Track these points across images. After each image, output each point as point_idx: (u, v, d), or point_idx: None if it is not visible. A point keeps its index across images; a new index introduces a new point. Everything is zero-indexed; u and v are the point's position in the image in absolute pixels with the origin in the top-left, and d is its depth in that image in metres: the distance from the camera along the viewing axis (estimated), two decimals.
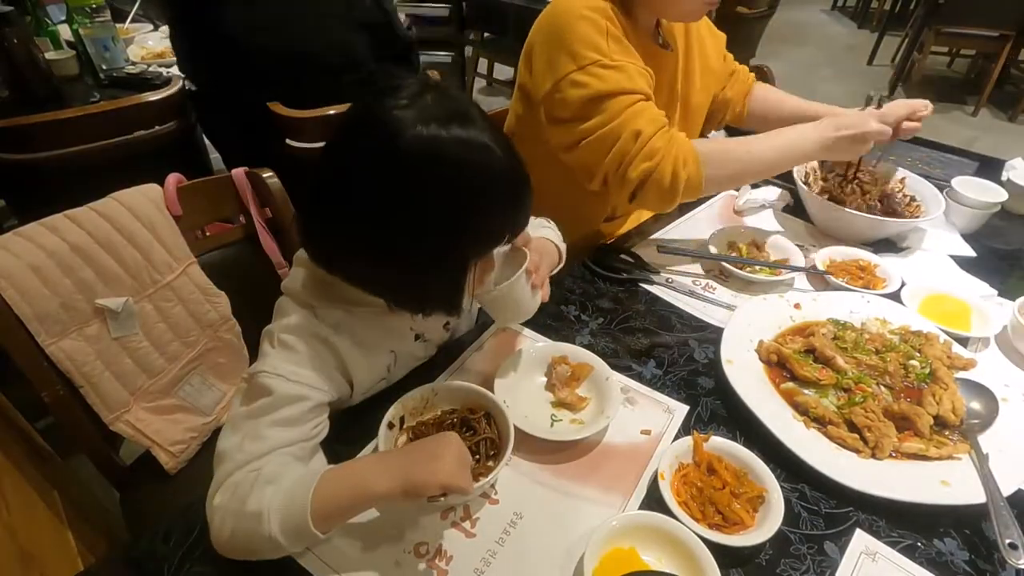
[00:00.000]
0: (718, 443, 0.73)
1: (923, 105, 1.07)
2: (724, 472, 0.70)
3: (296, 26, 1.51)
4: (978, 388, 0.83)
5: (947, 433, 0.78)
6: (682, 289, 1.04)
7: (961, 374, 0.85)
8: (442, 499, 0.60)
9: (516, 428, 0.72)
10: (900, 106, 1.06)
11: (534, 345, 0.88)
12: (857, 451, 0.75)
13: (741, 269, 1.07)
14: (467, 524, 0.67)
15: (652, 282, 1.05)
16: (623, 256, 1.08)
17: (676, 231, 1.23)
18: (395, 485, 0.57)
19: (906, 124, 1.05)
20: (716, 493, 0.68)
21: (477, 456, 0.70)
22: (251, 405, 0.64)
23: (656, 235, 1.20)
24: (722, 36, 1.30)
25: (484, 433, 0.72)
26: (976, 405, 0.81)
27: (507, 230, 0.66)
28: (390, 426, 0.72)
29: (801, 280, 1.09)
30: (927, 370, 0.84)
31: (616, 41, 0.97)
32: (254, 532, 0.57)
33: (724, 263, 1.07)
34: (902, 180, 1.27)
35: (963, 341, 0.93)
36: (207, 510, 0.61)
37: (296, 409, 0.65)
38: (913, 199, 1.24)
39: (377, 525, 0.66)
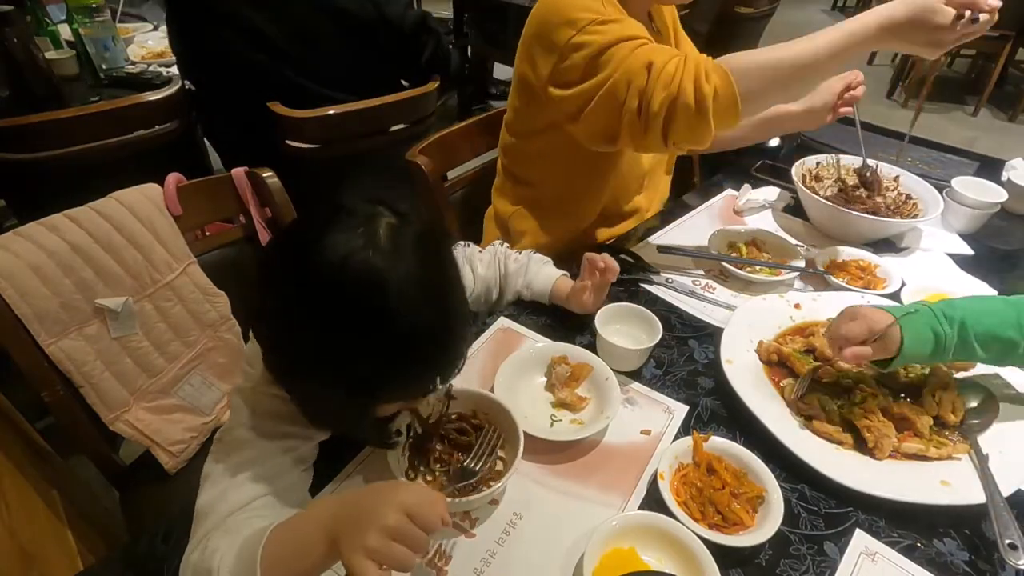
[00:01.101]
0: (718, 443, 0.73)
1: (854, 74, 1.13)
2: (724, 472, 0.70)
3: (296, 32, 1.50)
4: (978, 388, 0.83)
5: (947, 433, 0.78)
6: (682, 289, 1.04)
7: (961, 374, 0.85)
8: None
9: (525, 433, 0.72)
10: (836, 81, 1.11)
11: (534, 345, 0.88)
12: (841, 443, 0.76)
13: (741, 269, 1.07)
14: (467, 524, 0.67)
15: (652, 282, 1.05)
16: (623, 256, 1.08)
17: (676, 231, 1.23)
18: (333, 548, 0.49)
19: (847, 95, 1.11)
20: (716, 493, 0.68)
21: (480, 463, 0.70)
22: (229, 460, 0.60)
23: (656, 235, 1.20)
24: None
25: (490, 441, 0.72)
26: (976, 405, 0.81)
27: (410, 388, 0.59)
28: (398, 433, 0.72)
29: (801, 280, 1.09)
30: (927, 370, 0.84)
31: (611, 4, 0.95)
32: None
33: (724, 263, 1.07)
34: (896, 179, 1.27)
35: None
36: (180, 569, 0.56)
37: (283, 461, 0.62)
38: (909, 197, 1.24)
39: None
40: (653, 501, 0.69)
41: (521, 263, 0.98)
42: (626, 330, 0.90)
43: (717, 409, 0.83)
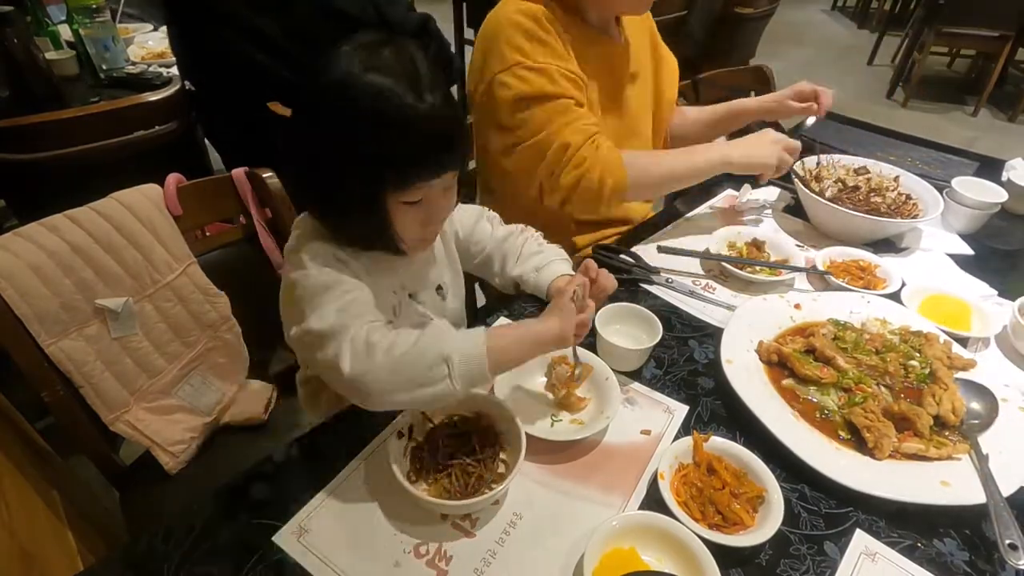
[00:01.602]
0: (718, 443, 0.73)
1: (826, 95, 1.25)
2: (724, 472, 0.70)
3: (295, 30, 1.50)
4: (978, 388, 0.83)
5: (947, 433, 0.78)
6: (682, 289, 1.04)
7: (961, 374, 0.85)
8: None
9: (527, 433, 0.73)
10: (805, 84, 1.28)
11: None
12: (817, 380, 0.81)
13: (741, 269, 1.07)
14: (467, 524, 0.67)
15: (652, 282, 1.05)
16: (623, 256, 1.08)
17: (676, 231, 1.23)
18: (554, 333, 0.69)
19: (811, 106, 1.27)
20: (716, 493, 0.68)
21: (480, 465, 0.70)
22: (322, 304, 0.67)
23: (656, 235, 1.20)
24: (674, 61, 1.37)
25: (491, 444, 0.73)
26: (976, 405, 0.81)
27: (420, 171, 0.67)
28: (399, 435, 0.72)
29: (801, 280, 1.09)
30: (927, 370, 0.84)
31: (541, 44, 1.03)
32: (427, 367, 0.63)
33: (724, 263, 1.07)
34: (896, 179, 1.27)
35: (963, 341, 0.93)
36: (342, 379, 0.63)
37: (360, 293, 0.70)
38: (909, 197, 1.24)
39: (376, 526, 0.66)
40: (653, 501, 0.69)
41: (538, 250, 0.98)
42: (626, 330, 0.90)
43: (717, 409, 0.83)
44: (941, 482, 0.71)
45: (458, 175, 0.73)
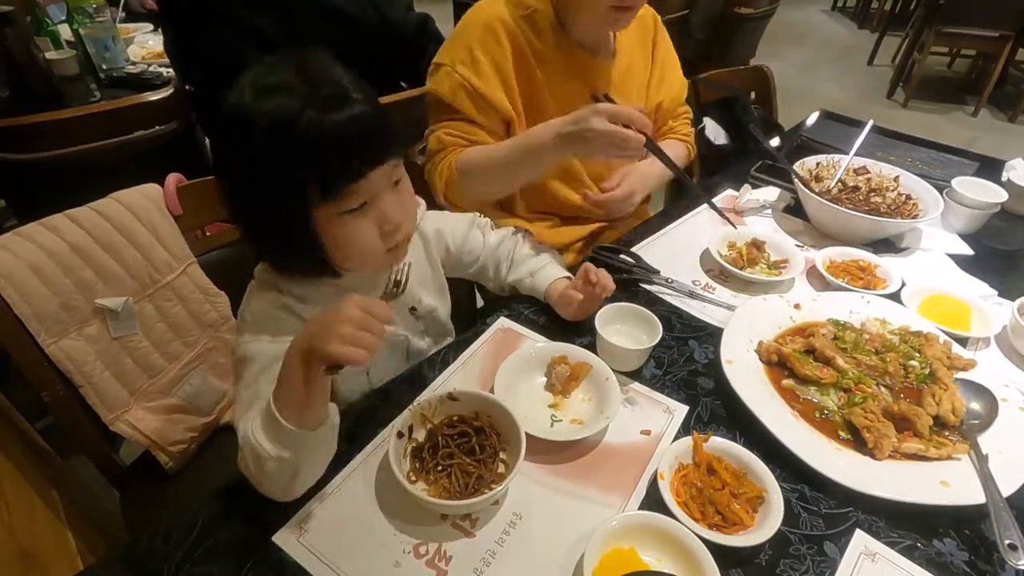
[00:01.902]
0: (717, 443, 0.73)
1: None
2: (723, 472, 0.70)
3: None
4: (978, 388, 0.83)
5: (947, 434, 0.78)
6: (682, 289, 1.04)
7: (961, 374, 0.85)
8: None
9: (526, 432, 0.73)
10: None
11: (534, 345, 0.88)
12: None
13: (741, 269, 1.07)
14: (467, 524, 0.67)
15: (652, 282, 1.05)
16: (623, 256, 1.08)
17: (677, 231, 1.23)
18: (307, 353, 0.59)
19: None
20: (716, 494, 0.68)
21: (480, 465, 0.70)
22: (243, 377, 0.70)
23: (655, 236, 1.20)
24: (680, 83, 1.35)
25: (491, 444, 0.73)
26: (976, 405, 0.81)
27: (341, 177, 0.65)
28: (399, 435, 0.72)
29: (801, 280, 1.09)
30: (927, 370, 0.84)
31: (479, 59, 1.07)
32: (250, 451, 0.62)
33: (724, 263, 1.07)
34: (896, 179, 1.27)
35: (963, 341, 0.93)
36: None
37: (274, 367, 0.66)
38: (909, 197, 1.24)
39: (376, 526, 0.66)
40: (653, 501, 0.69)
41: (532, 253, 1.00)
42: (626, 330, 0.91)
43: (717, 409, 0.83)
44: (941, 482, 0.71)
45: (400, 165, 0.71)
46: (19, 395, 1.10)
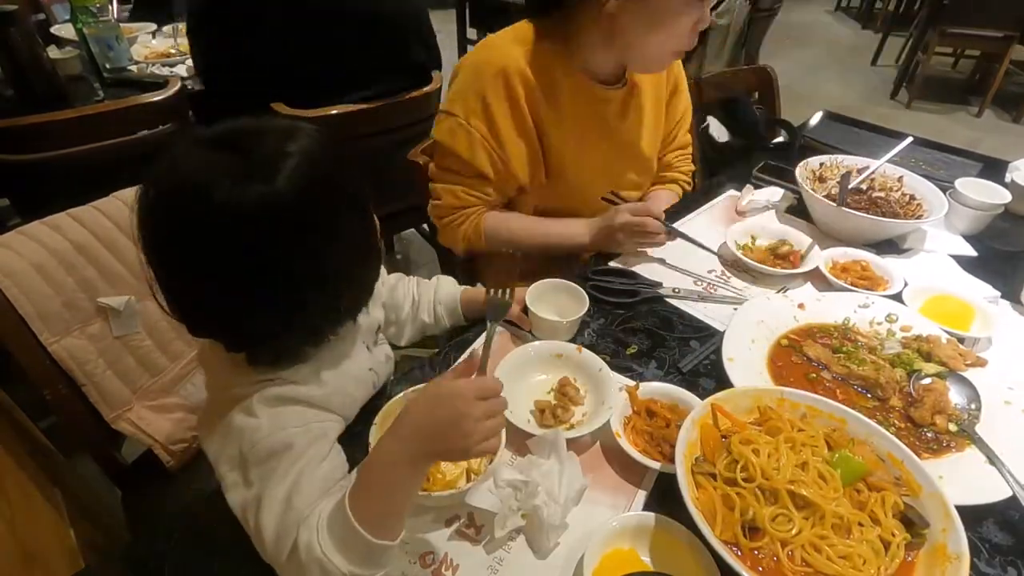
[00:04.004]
0: (646, 389, 0.80)
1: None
2: (661, 411, 0.78)
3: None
4: (959, 380, 0.84)
5: (944, 438, 0.77)
6: (690, 296, 1.03)
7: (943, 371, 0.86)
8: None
9: (516, 428, 0.73)
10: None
11: (533, 345, 0.88)
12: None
13: (752, 259, 1.09)
14: (471, 532, 0.67)
15: (660, 296, 1.03)
16: (622, 282, 1.04)
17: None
18: (430, 462, 0.57)
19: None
20: (664, 431, 0.75)
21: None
22: (276, 470, 0.58)
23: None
24: (687, 109, 1.34)
25: None
26: (962, 401, 0.82)
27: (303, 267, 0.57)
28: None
29: (804, 280, 1.09)
30: (924, 380, 0.84)
31: (505, 113, 1.06)
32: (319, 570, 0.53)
33: (737, 254, 1.09)
34: (899, 179, 1.26)
35: (962, 342, 0.93)
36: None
37: (324, 446, 0.62)
38: (913, 198, 1.24)
39: None
40: (655, 502, 0.69)
41: (428, 281, 0.99)
42: (556, 304, 0.95)
43: None
44: (938, 477, 0.70)
45: None
46: (22, 394, 1.11)
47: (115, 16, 1.90)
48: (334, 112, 1.46)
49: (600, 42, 1.05)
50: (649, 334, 0.95)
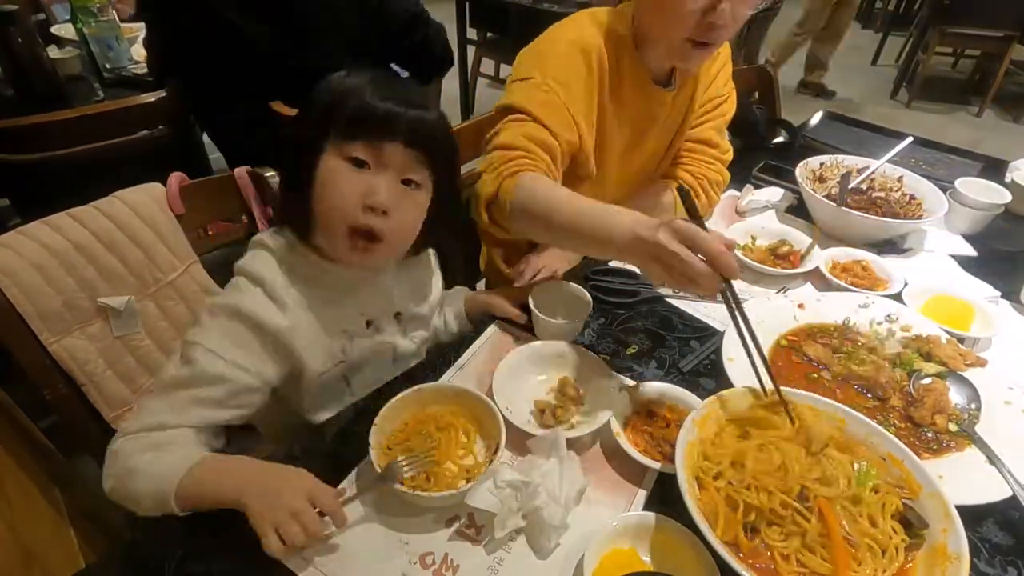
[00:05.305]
0: (646, 389, 0.80)
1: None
2: (661, 410, 0.78)
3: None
4: (958, 379, 0.84)
5: (944, 438, 0.77)
6: (689, 296, 1.03)
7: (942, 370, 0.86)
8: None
9: (518, 429, 0.73)
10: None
11: (533, 345, 0.88)
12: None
13: (753, 260, 1.08)
14: (472, 532, 0.66)
15: (661, 296, 1.02)
16: (622, 281, 1.04)
17: None
18: (239, 504, 0.61)
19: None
20: (664, 431, 0.75)
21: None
22: (178, 373, 0.70)
23: None
24: (720, 111, 1.21)
25: (466, 436, 0.74)
26: (961, 400, 0.82)
27: (366, 123, 0.70)
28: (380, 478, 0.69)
29: (804, 280, 1.09)
30: (924, 379, 0.84)
31: (581, 85, 0.97)
32: (127, 486, 0.64)
33: (739, 255, 1.08)
34: (899, 179, 1.26)
35: (963, 342, 0.93)
36: (109, 446, 0.67)
37: (218, 391, 0.70)
38: (913, 198, 1.24)
39: (382, 535, 0.66)
40: (656, 502, 0.69)
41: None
42: (559, 306, 0.94)
43: None
44: (938, 476, 0.70)
45: (423, 181, 0.75)
46: (22, 394, 1.10)
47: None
48: None
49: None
50: (649, 334, 0.95)
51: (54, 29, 2.00)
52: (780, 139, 1.58)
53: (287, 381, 0.78)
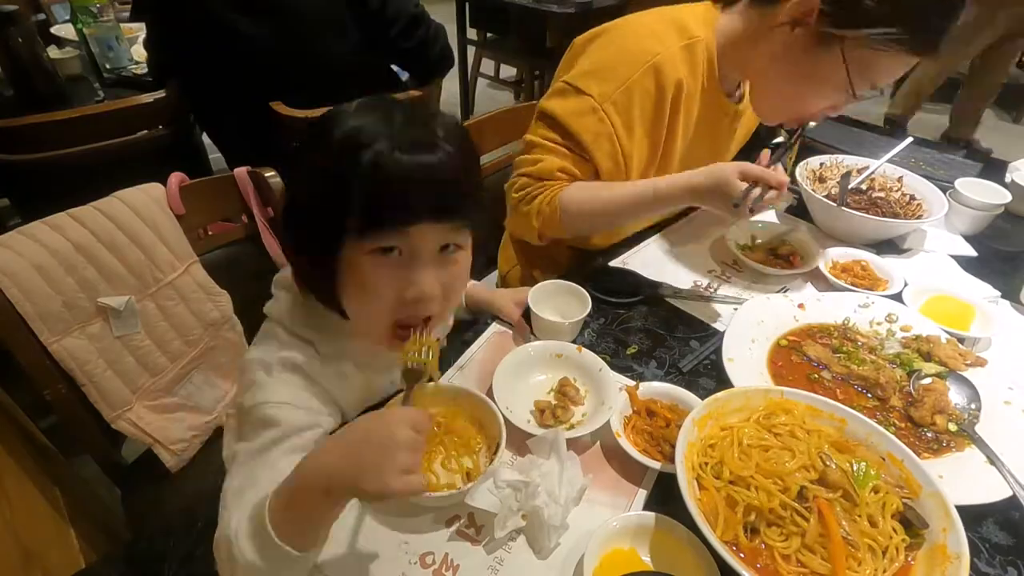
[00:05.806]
0: (646, 389, 0.80)
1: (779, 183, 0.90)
2: (661, 410, 0.78)
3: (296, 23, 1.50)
4: (958, 379, 0.84)
5: (944, 438, 0.77)
6: (692, 296, 1.03)
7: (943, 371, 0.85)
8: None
9: (516, 428, 0.73)
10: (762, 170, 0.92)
11: (533, 345, 0.88)
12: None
13: (754, 260, 1.08)
14: (472, 532, 0.66)
15: (662, 297, 1.02)
16: (627, 279, 1.05)
17: (676, 234, 1.22)
18: (344, 491, 0.51)
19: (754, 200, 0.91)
20: (663, 431, 0.75)
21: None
22: (255, 440, 0.61)
23: (654, 236, 1.19)
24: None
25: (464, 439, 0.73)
26: (962, 400, 0.81)
27: (384, 212, 0.58)
28: None
29: (804, 280, 1.09)
30: (924, 380, 0.84)
31: (640, 109, 0.95)
32: (226, 549, 0.54)
33: (738, 253, 1.08)
34: (899, 179, 1.26)
35: (963, 342, 0.93)
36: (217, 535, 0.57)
37: (304, 439, 0.63)
38: (913, 198, 1.24)
39: (382, 536, 0.66)
40: (656, 502, 0.69)
41: None
42: (559, 305, 0.94)
43: None
44: (939, 476, 0.70)
45: (463, 241, 0.64)
46: (22, 394, 1.11)
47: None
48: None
49: (757, 55, 0.96)
50: (649, 334, 0.95)
51: (54, 29, 2.00)
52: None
53: None
